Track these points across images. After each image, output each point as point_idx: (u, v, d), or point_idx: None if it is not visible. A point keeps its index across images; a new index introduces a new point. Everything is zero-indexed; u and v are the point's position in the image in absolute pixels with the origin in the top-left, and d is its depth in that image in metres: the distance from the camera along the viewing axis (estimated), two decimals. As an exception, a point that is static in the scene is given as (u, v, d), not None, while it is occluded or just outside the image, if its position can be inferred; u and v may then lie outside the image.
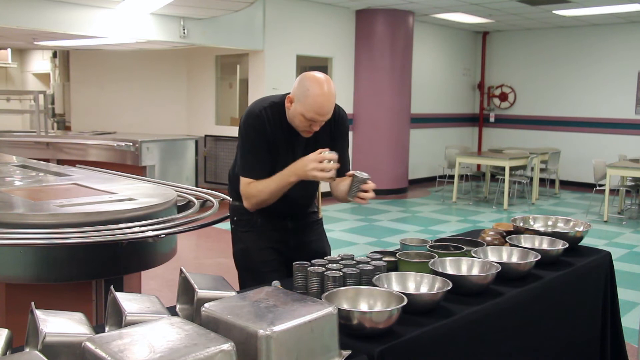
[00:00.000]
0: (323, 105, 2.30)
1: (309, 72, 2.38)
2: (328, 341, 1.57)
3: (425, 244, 2.50)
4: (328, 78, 2.35)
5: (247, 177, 2.43)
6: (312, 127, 2.37)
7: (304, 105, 2.30)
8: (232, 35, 8.37)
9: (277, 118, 2.43)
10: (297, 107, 2.33)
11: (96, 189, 3.26)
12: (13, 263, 2.61)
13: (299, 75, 2.40)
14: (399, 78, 10.18)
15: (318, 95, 2.28)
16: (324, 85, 2.30)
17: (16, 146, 8.00)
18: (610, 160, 9.09)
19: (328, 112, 2.34)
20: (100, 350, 1.30)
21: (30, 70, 13.18)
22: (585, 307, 2.71)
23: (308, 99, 2.29)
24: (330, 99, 2.32)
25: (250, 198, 2.44)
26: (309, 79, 2.32)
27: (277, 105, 2.44)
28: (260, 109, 2.42)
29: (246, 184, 2.43)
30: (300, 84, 2.33)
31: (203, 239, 6.81)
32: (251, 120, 2.42)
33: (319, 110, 2.30)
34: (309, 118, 2.32)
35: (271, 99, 2.47)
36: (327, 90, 2.30)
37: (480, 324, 2.04)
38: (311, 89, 2.29)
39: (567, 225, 2.97)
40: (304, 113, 2.31)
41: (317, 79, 2.31)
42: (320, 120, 2.35)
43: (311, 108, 2.29)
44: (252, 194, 2.43)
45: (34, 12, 6.51)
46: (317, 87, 2.29)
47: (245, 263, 2.60)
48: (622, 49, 11.03)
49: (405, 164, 10.62)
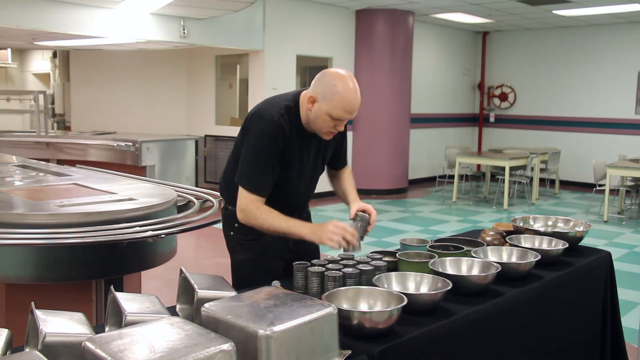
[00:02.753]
0: (352, 102, 2.16)
1: (329, 69, 2.25)
2: (328, 341, 1.57)
3: (425, 244, 2.50)
4: (350, 73, 2.22)
5: (248, 189, 2.26)
6: (337, 127, 2.23)
7: (331, 103, 2.16)
8: (232, 35, 8.37)
9: (293, 124, 2.27)
10: (322, 107, 2.18)
11: (96, 189, 3.26)
12: (13, 263, 2.61)
13: (317, 75, 2.24)
14: (399, 78, 10.17)
15: (346, 91, 2.15)
16: (349, 81, 2.17)
17: (16, 146, 7.99)
18: (610, 160, 9.09)
19: (356, 109, 2.20)
20: (100, 350, 1.30)
21: (30, 70, 13.17)
22: (585, 307, 2.71)
23: (336, 96, 2.15)
24: (357, 95, 2.18)
25: (250, 218, 2.27)
26: (332, 76, 2.18)
27: (292, 109, 2.28)
28: (279, 116, 2.24)
29: (251, 200, 2.25)
30: (324, 82, 2.19)
31: (203, 239, 6.81)
32: (270, 130, 2.22)
33: (349, 108, 2.17)
34: (336, 117, 2.18)
35: (284, 102, 2.29)
36: (354, 86, 2.17)
37: (480, 324, 2.04)
38: (338, 86, 2.15)
39: (567, 225, 2.97)
40: (330, 112, 2.17)
41: (341, 75, 2.18)
42: (347, 119, 2.21)
43: (339, 105, 2.15)
44: (255, 216, 2.25)
45: (34, 12, 6.51)
46: (343, 84, 2.15)
47: (250, 275, 2.41)
48: (622, 49, 11.03)
49: (405, 164, 10.62)
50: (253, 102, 8.89)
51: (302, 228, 2.24)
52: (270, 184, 2.28)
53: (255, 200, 2.25)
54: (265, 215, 2.24)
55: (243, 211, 2.29)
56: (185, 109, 10.12)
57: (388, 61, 10.02)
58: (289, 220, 2.24)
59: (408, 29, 10.22)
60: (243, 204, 2.28)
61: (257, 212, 2.25)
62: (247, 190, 2.27)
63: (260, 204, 2.26)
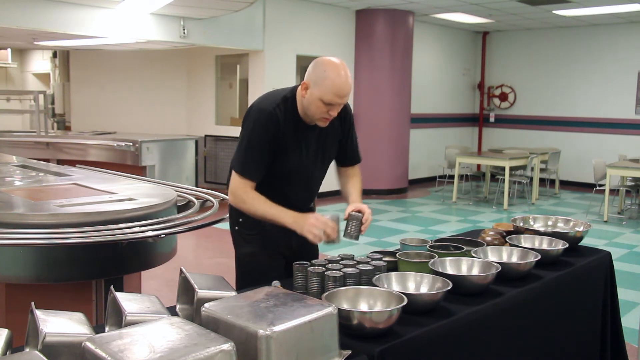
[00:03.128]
0: (342, 86, 2.25)
1: (321, 57, 2.34)
2: (328, 341, 1.57)
3: (425, 244, 2.50)
4: (342, 61, 2.31)
5: (239, 173, 2.37)
6: (330, 112, 2.31)
7: (322, 88, 2.25)
8: (232, 35, 8.37)
9: (289, 114, 2.37)
10: (314, 92, 2.27)
11: (96, 189, 3.26)
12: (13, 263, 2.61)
13: (312, 62, 2.34)
14: (399, 78, 10.17)
15: (336, 76, 2.24)
16: (340, 67, 2.26)
17: (16, 146, 7.99)
18: (610, 160, 9.09)
19: (347, 94, 2.29)
20: (100, 350, 1.30)
21: (30, 70, 13.17)
22: (585, 307, 2.71)
23: (326, 80, 2.24)
24: (348, 80, 2.27)
25: (238, 200, 2.39)
26: (324, 63, 2.28)
27: (288, 100, 2.38)
28: (274, 106, 2.35)
29: (241, 184, 2.37)
30: (316, 68, 2.29)
31: (203, 239, 6.81)
32: (263, 119, 2.34)
33: (339, 92, 2.25)
34: (327, 102, 2.26)
35: (282, 94, 2.40)
36: (344, 72, 2.26)
37: (480, 324, 2.04)
38: (328, 71, 2.25)
39: (567, 225, 2.97)
40: (322, 97, 2.26)
41: (332, 62, 2.28)
42: (339, 104, 2.29)
43: (330, 90, 2.24)
44: (243, 200, 2.37)
45: (34, 12, 6.51)
46: (334, 69, 2.25)
47: (252, 267, 2.52)
48: (622, 49, 11.03)
49: (405, 164, 10.62)
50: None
51: (286, 216, 2.32)
52: (260, 170, 2.38)
53: (244, 185, 2.37)
54: (252, 199, 2.36)
55: (233, 194, 2.42)
56: (185, 109, 10.12)
57: (388, 61, 10.01)
58: (274, 206, 2.33)
59: (408, 29, 10.22)
60: (233, 187, 2.41)
61: (245, 195, 2.37)
62: (238, 174, 2.38)
63: (248, 189, 2.37)
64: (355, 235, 2.34)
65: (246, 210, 2.39)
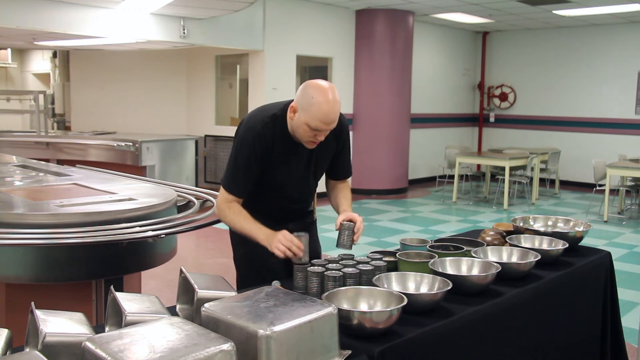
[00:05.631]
0: (328, 113, 2.22)
1: (312, 80, 2.32)
2: (328, 341, 1.57)
3: (425, 244, 2.50)
4: (332, 86, 2.28)
5: (225, 189, 2.41)
6: (316, 137, 2.29)
7: (309, 114, 2.22)
8: (232, 35, 8.37)
9: (278, 131, 2.35)
10: (301, 117, 2.25)
11: (96, 189, 3.26)
12: (13, 263, 2.61)
13: (301, 84, 2.33)
14: (399, 78, 10.17)
15: (323, 103, 2.20)
16: (329, 93, 2.23)
17: (16, 146, 7.99)
18: (610, 160, 9.09)
19: (333, 121, 2.26)
20: (100, 350, 1.30)
21: (30, 70, 13.17)
22: (585, 307, 2.71)
23: (312, 107, 2.21)
24: (335, 107, 2.24)
25: (221, 214, 2.44)
26: (313, 87, 2.25)
27: (278, 118, 2.36)
28: (262, 125, 2.34)
29: (226, 199, 2.41)
30: (304, 93, 2.26)
31: (203, 239, 6.81)
32: (250, 138, 2.34)
33: (325, 119, 2.22)
34: (313, 127, 2.24)
35: (272, 111, 2.39)
36: (332, 98, 2.23)
37: (480, 324, 2.04)
38: (316, 97, 2.21)
39: (567, 225, 2.97)
40: (308, 122, 2.23)
41: (321, 87, 2.24)
42: (325, 130, 2.27)
43: (316, 117, 2.21)
44: (225, 214, 2.41)
45: (34, 12, 6.51)
46: (321, 95, 2.21)
47: (249, 267, 2.55)
48: (622, 49, 11.03)
49: (405, 164, 10.62)
50: (253, 102, 8.90)
51: (259, 233, 2.34)
52: (246, 186, 2.42)
53: (229, 200, 2.42)
54: (233, 214, 2.40)
55: (218, 207, 2.48)
56: (185, 109, 10.12)
57: (388, 61, 10.01)
58: (252, 223, 2.36)
59: (408, 29, 10.22)
60: (219, 200, 2.47)
61: (227, 210, 2.41)
62: (224, 189, 2.44)
63: (232, 204, 2.42)
64: (349, 245, 2.34)
65: (227, 224, 2.45)
